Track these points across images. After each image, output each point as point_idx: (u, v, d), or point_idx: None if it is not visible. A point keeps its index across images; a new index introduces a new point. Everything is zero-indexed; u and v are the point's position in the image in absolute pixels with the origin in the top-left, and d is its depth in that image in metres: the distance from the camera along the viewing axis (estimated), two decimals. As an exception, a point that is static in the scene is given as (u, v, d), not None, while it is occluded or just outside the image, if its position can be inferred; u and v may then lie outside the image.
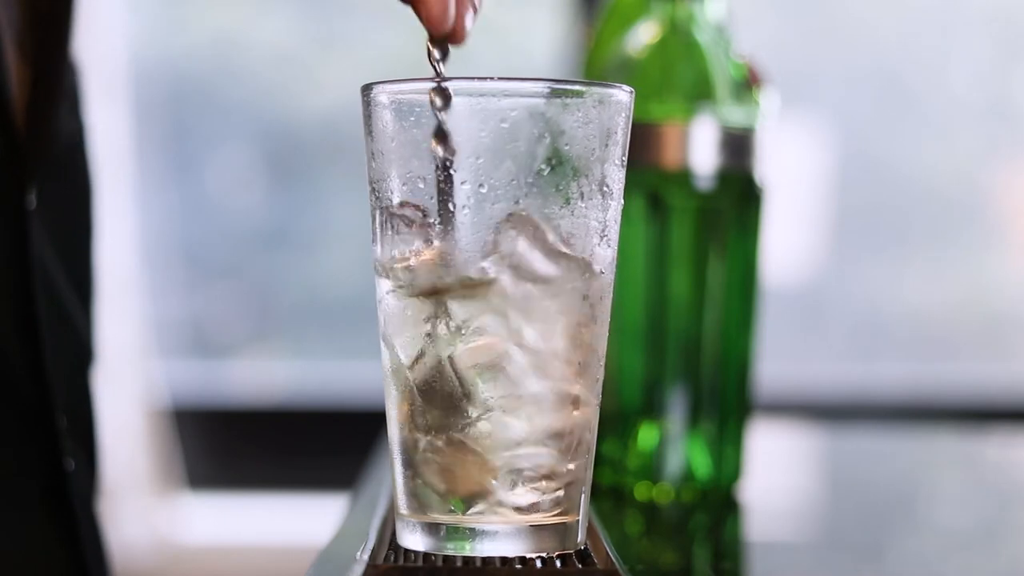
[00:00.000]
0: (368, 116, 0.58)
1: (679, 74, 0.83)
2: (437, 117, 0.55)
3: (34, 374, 0.76)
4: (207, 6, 2.24)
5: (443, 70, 0.58)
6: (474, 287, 0.56)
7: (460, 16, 0.58)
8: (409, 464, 0.58)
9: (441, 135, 0.55)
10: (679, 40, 0.84)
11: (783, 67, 1.07)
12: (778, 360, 1.56)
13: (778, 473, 1.04)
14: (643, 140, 0.81)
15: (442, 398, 0.56)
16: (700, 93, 0.83)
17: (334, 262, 2.22)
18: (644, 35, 0.85)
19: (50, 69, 0.77)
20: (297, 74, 2.21)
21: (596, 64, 1.02)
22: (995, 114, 2.27)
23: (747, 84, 0.84)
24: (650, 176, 0.82)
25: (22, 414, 0.76)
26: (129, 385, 1.95)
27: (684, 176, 0.83)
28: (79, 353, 0.83)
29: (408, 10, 0.59)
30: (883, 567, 0.72)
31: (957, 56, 2.24)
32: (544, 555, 0.57)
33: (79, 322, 0.83)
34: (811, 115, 2.19)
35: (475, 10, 0.59)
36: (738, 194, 0.84)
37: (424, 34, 0.59)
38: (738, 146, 0.83)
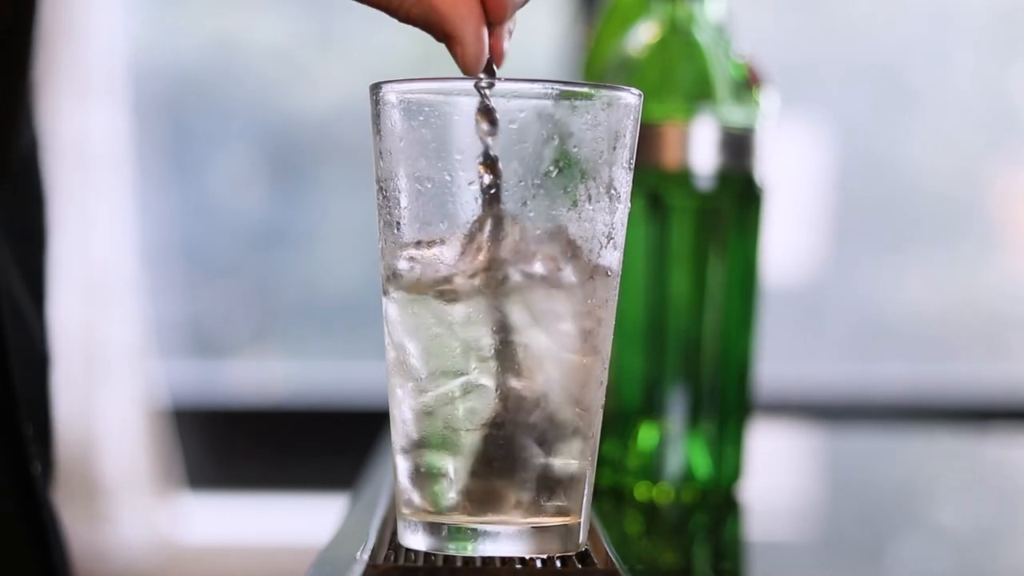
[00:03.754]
0: (376, 115, 0.58)
1: (679, 74, 0.83)
2: (484, 143, 0.55)
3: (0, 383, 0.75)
4: (207, 6, 2.24)
5: (489, 97, 0.56)
6: (479, 288, 0.56)
7: (497, 45, 0.58)
8: (412, 464, 0.58)
9: (489, 161, 0.55)
10: (679, 40, 0.84)
11: (783, 66, 1.07)
12: (778, 360, 1.55)
13: (778, 473, 1.04)
14: (643, 140, 0.81)
15: (448, 400, 0.56)
16: (700, 93, 0.83)
17: (334, 262, 2.22)
18: (644, 35, 0.85)
19: (12, 88, 0.77)
20: (297, 74, 2.21)
21: (596, 64, 1.02)
22: (995, 114, 2.27)
23: (747, 84, 0.84)
24: (650, 176, 0.82)
25: None
26: (129, 385, 1.95)
27: (684, 176, 0.83)
28: (38, 359, 0.83)
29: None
30: (883, 567, 0.72)
31: (957, 56, 2.24)
32: (545, 556, 0.57)
33: (35, 327, 0.82)
34: (811, 115, 2.19)
35: (510, 35, 0.59)
36: (738, 194, 0.84)
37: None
38: (738, 146, 0.83)
